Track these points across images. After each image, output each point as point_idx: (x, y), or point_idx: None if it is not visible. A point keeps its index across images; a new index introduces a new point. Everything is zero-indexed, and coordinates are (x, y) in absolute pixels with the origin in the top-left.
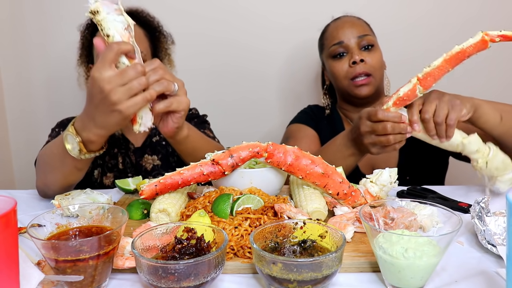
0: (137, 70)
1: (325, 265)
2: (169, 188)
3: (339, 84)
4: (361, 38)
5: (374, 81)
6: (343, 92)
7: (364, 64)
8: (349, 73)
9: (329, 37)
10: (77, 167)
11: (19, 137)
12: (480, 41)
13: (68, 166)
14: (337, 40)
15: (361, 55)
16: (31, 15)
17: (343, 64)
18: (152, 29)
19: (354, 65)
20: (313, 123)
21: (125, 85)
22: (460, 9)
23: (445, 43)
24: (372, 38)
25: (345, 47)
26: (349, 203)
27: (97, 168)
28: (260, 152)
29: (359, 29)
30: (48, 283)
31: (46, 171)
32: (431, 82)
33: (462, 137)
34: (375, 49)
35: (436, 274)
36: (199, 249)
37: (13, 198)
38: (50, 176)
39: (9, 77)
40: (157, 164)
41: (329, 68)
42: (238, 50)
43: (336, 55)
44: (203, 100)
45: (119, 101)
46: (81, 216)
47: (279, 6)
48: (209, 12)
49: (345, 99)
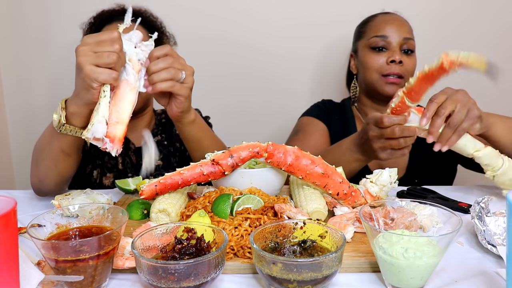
0: (113, 46)
1: (325, 265)
2: (169, 188)
3: (367, 75)
4: (405, 40)
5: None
6: (368, 85)
7: (400, 65)
8: (383, 68)
9: (373, 28)
10: (64, 150)
11: (19, 137)
12: (439, 66)
13: (55, 149)
14: (382, 33)
15: (401, 57)
16: (31, 14)
17: (379, 58)
18: (155, 29)
19: (391, 64)
20: (325, 118)
21: (95, 53)
22: (461, 7)
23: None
24: (414, 44)
25: (387, 42)
26: (349, 203)
27: (96, 168)
28: (260, 152)
29: (406, 30)
30: (48, 283)
31: (38, 161)
32: (417, 96)
33: (474, 150)
34: (413, 56)
35: (436, 274)
36: (199, 249)
37: (13, 198)
38: (42, 166)
39: (9, 77)
40: (158, 164)
41: (362, 56)
42: (240, 50)
43: (376, 47)
44: (204, 100)
45: (84, 64)
46: (81, 216)
47: (280, 5)
48: (210, 11)
49: (368, 93)
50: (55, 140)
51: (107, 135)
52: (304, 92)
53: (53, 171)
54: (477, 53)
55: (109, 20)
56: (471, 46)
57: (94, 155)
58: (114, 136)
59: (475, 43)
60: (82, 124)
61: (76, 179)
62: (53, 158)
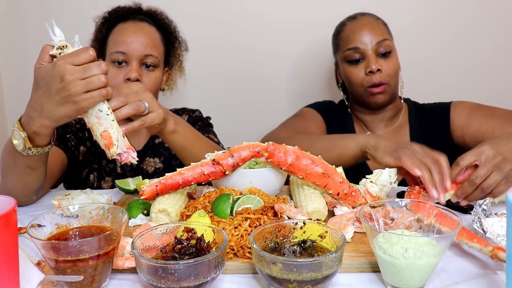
0: (100, 68)
1: (325, 265)
2: (169, 188)
3: (354, 89)
4: (378, 44)
5: (390, 89)
6: (357, 97)
7: (380, 73)
8: (365, 81)
9: (344, 40)
10: (29, 165)
11: None
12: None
13: (20, 165)
14: (353, 45)
15: (378, 64)
16: (30, 14)
17: (359, 71)
18: (169, 33)
19: (370, 74)
20: (326, 116)
21: (85, 79)
22: (455, 9)
23: (445, 44)
24: (389, 44)
25: (361, 53)
26: (349, 203)
27: (92, 172)
28: (261, 152)
29: (377, 33)
30: (48, 283)
31: (2, 174)
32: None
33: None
34: (392, 56)
35: (436, 275)
36: (199, 249)
37: (13, 198)
38: (7, 179)
39: (9, 78)
40: (159, 167)
41: (343, 71)
42: (239, 52)
43: (352, 61)
44: (205, 101)
45: (76, 93)
46: (81, 216)
47: (280, 7)
48: (210, 13)
49: (358, 102)
50: (19, 159)
51: (128, 147)
52: (303, 92)
53: (19, 184)
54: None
55: (125, 18)
56: (474, 46)
57: (90, 159)
58: (130, 146)
59: (480, 44)
60: (47, 141)
61: (73, 183)
62: (19, 173)
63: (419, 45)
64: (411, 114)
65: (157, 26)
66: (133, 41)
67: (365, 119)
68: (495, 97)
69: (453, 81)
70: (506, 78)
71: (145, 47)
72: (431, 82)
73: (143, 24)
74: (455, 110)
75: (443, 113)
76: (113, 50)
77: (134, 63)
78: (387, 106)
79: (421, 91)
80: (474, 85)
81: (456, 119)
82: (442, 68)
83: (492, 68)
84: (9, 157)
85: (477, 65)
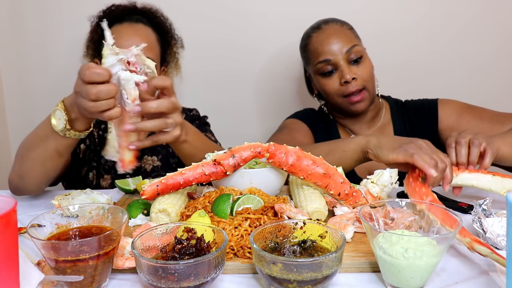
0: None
1: (325, 265)
2: (170, 188)
3: (332, 100)
4: (348, 52)
5: (368, 94)
6: (336, 107)
7: (355, 81)
8: (341, 91)
9: (313, 52)
10: (58, 150)
11: (19, 137)
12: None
13: (49, 149)
14: (323, 57)
15: (351, 72)
16: (31, 15)
17: (333, 82)
18: (164, 32)
19: (345, 84)
20: (310, 123)
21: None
22: (460, 10)
23: (448, 44)
24: (359, 49)
25: (333, 64)
26: (350, 203)
27: (92, 170)
28: (262, 152)
29: (345, 40)
30: (48, 283)
31: (23, 158)
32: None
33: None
34: (363, 60)
35: (436, 275)
36: (199, 249)
37: (13, 198)
38: (27, 163)
39: (9, 78)
40: (157, 165)
41: (317, 82)
42: (237, 52)
43: (325, 73)
44: (204, 100)
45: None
46: (81, 216)
47: (281, 6)
48: (212, 13)
49: (338, 110)
50: (52, 141)
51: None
52: (302, 92)
53: (39, 169)
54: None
55: (120, 19)
56: (477, 47)
57: (89, 157)
58: (124, 160)
59: (483, 44)
60: (85, 128)
61: (72, 181)
62: (44, 157)
63: (422, 44)
64: (394, 111)
65: (152, 26)
66: (129, 45)
67: (347, 123)
68: (497, 97)
69: (454, 80)
70: (507, 78)
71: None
72: (432, 81)
73: (138, 26)
74: (443, 109)
75: (430, 110)
76: None
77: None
78: (368, 110)
79: (422, 90)
80: (475, 85)
81: (446, 119)
82: (445, 67)
83: (494, 69)
84: (38, 140)
85: (479, 66)
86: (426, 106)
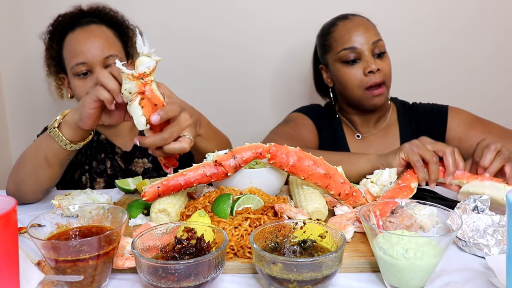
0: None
1: (325, 265)
2: (171, 189)
3: (349, 92)
4: (375, 44)
5: (387, 90)
6: (352, 100)
7: (379, 73)
8: (363, 82)
9: (338, 39)
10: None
11: (19, 137)
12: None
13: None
14: (349, 44)
15: (376, 64)
16: (30, 15)
17: (356, 71)
18: (119, 25)
19: (369, 74)
20: (316, 119)
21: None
22: (462, 9)
23: (447, 43)
24: (383, 44)
25: (358, 53)
26: (351, 203)
27: (84, 174)
28: (263, 153)
29: (372, 33)
30: (48, 283)
31: (20, 166)
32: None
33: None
34: (386, 56)
35: (436, 275)
36: (199, 249)
37: (13, 198)
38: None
39: (9, 78)
40: (148, 167)
41: (336, 72)
42: (237, 50)
43: (348, 61)
44: (202, 98)
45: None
46: (81, 216)
47: (280, 7)
48: (211, 12)
49: (352, 104)
50: (42, 146)
51: (172, 162)
52: (300, 92)
53: (32, 178)
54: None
55: (71, 27)
56: (474, 45)
57: (81, 161)
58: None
59: (479, 42)
60: (69, 136)
61: (66, 185)
62: (35, 164)
63: (420, 44)
64: (400, 113)
65: (105, 23)
66: (88, 48)
67: (354, 120)
68: (497, 97)
69: (453, 79)
70: (507, 78)
71: (102, 50)
72: (430, 81)
73: (91, 27)
74: (453, 118)
75: (440, 117)
76: (72, 63)
77: (98, 69)
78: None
79: (420, 89)
80: (475, 85)
81: (455, 129)
82: (443, 67)
83: (491, 69)
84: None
85: (479, 66)
86: (435, 112)
